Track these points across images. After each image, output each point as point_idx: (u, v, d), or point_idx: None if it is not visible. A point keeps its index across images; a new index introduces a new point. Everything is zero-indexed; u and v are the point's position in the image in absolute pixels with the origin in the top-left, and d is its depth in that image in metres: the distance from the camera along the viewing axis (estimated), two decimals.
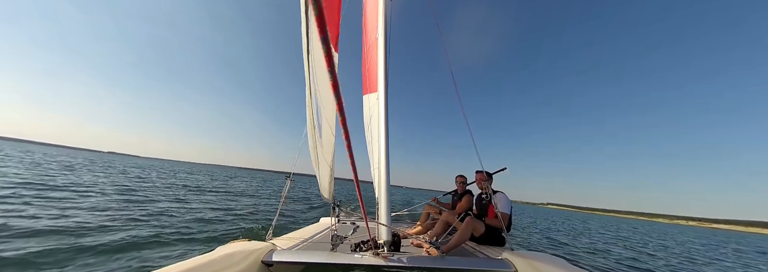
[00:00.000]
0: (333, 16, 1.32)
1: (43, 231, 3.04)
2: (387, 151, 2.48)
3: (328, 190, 2.47)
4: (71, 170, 11.53)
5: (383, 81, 2.77)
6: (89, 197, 5.54)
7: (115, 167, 17.70)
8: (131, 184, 8.86)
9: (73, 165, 14.77)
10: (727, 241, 20.14)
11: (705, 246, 12.78)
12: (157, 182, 10.95)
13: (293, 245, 2.46)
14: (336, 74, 0.85)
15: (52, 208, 4.19)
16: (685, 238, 17.70)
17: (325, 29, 0.68)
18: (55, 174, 8.91)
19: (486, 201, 3.27)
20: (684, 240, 15.70)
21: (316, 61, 1.26)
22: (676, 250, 9.21)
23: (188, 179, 14.82)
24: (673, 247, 10.20)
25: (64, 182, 7.28)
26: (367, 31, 3.73)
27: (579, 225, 18.68)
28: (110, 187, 7.43)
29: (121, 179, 10.23)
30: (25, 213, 3.75)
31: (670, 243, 12.16)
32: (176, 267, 1.44)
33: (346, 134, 1.13)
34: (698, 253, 9.15)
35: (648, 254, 7.25)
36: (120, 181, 9.37)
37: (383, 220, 2.21)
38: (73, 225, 3.36)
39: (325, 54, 0.75)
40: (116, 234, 3.24)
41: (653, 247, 9.28)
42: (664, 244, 10.97)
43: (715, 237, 25.52)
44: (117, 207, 4.90)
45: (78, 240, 2.88)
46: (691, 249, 10.45)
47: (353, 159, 1.34)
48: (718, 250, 11.35)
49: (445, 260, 2.06)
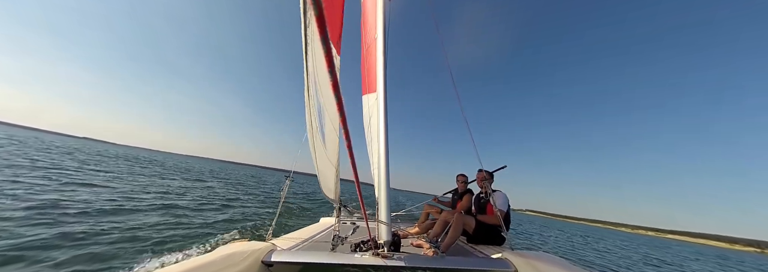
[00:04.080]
0: (335, 17, 1.33)
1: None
2: (386, 151, 2.49)
3: (333, 190, 2.47)
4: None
5: (382, 81, 2.77)
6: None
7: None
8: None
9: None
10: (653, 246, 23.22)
11: (625, 248, 14.70)
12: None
13: (293, 245, 2.46)
14: (336, 74, 0.85)
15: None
16: (614, 242, 19.45)
17: (325, 29, 0.69)
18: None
19: (484, 200, 3.29)
20: (612, 242, 17.69)
21: (317, 61, 1.26)
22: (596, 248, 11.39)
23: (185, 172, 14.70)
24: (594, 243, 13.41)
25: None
26: (366, 31, 3.73)
27: (539, 228, 21.28)
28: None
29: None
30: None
31: (600, 245, 13.90)
32: (176, 267, 1.45)
33: (347, 134, 1.14)
34: (611, 250, 11.41)
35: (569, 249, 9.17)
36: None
37: (383, 220, 2.21)
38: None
39: (325, 54, 0.75)
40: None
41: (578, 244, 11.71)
42: (595, 246, 12.64)
43: (636, 241, 29.05)
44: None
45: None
46: (609, 247, 12.67)
47: (353, 159, 1.34)
48: (631, 249, 13.88)
49: (445, 260, 2.06)
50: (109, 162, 13.82)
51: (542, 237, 12.26)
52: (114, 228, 3.53)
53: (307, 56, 1.22)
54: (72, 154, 15.69)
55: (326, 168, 2.22)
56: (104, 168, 10.47)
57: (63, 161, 10.41)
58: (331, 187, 2.43)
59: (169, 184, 8.94)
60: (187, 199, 6.65)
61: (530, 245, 8.30)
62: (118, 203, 4.97)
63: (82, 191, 5.52)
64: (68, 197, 4.83)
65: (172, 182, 9.65)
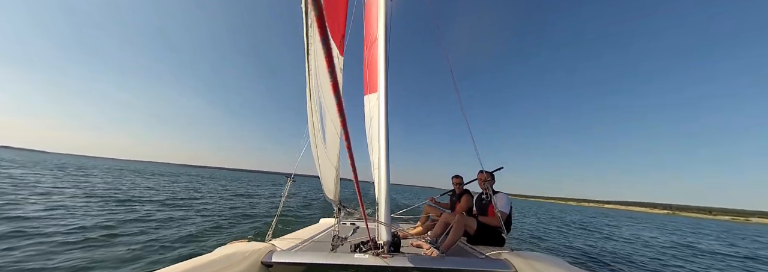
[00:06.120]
0: (338, 18, 1.32)
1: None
2: (387, 151, 2.48)
3: (333, 191, 2.46)
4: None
5: (383, 81, 2.77)
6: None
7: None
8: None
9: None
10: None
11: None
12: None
13: (293, 245, 2.46)
14: (337, 74, 0.84)
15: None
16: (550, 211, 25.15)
17: (326, 30, 0.68)
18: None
19: (486, 201, 3.28)
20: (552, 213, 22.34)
21: (318, 62, 1.26)
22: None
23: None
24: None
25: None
26: (368, 31, 3.73)
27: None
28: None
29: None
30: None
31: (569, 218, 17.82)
32: (176, 268, 1.44)
33: (347, 135, 1.13)
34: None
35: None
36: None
37: (383, 220, 2.21)
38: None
39: (326, 55, 0.74)
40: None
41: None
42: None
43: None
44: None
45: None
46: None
47: (353, 160, 1.34)
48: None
49: (445, 260, 2.06)
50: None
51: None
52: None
53: (308, 57, 1.21)
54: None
55: (326, 168, 2.22)
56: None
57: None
58: (331, 187, 2.43)
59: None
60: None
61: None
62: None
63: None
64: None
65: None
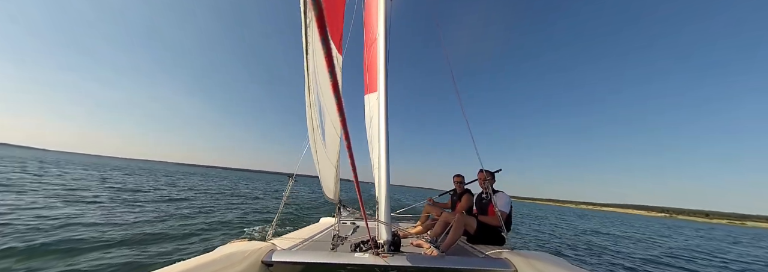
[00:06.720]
0: (337, 17, 1.32)
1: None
2: (387, 151, 2.48)
3: (333, 191, 2.46)
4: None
5: (383, 81, 2.77)
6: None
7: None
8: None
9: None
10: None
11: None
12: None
13: (293, 245, 2.46)
14: (336, 74, 0.84)
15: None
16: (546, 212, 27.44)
17: (326, 30, 0.68)
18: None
19: (486, 200, 3.28)
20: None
21: (318, 61, 1.26)
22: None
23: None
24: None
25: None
26: (367, 31, 3.72)
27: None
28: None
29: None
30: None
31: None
32: (176, 267, 1.45)
33: (346, 135, 1.13)
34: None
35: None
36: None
37: (383, 220, 2.21)
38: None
39: (326, 55, 0.74)
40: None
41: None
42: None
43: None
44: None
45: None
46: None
47: (353, 159, 1.34)
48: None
49: (445, 260, 2.06)
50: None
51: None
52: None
53: (307, 56, 1.21)
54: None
55: (326, 168, 2.22)
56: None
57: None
58: (331, 187, 2.43)
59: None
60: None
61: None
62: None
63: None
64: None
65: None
